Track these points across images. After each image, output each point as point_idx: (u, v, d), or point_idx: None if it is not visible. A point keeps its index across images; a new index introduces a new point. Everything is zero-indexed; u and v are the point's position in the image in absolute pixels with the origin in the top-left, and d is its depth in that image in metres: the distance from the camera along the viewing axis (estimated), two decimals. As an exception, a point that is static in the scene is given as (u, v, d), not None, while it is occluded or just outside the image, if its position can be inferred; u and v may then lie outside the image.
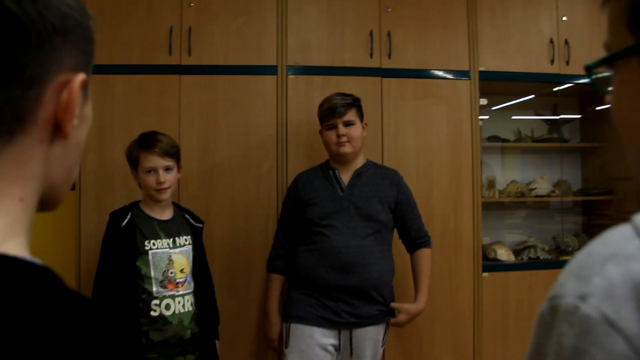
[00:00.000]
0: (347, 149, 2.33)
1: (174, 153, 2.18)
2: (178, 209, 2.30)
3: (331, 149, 2.37)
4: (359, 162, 2.42)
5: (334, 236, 2.27)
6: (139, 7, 2.74)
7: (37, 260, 0.52)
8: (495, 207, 3.35)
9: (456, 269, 2.82)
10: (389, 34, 2.85)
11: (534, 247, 3.04)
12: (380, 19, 2.86)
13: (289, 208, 2.46)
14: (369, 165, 2.44)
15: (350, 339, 2.28)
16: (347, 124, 2.33)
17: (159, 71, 2.72)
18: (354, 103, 2.38)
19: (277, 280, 2.43)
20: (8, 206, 0.54)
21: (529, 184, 3.25)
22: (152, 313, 2.06)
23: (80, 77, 0.57)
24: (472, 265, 2.83)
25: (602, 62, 0.59)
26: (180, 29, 2.74)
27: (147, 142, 2.14)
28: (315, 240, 2.30)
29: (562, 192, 3.25)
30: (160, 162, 2.13)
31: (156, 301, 2.06)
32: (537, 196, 3.17)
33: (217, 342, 2.32)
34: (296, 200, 2.42)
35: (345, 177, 2.38)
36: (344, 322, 2.26)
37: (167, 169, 2.15)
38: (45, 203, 0.61)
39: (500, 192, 3.20)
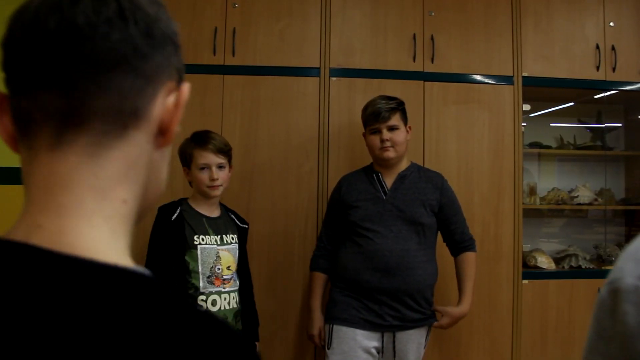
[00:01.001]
0: (390, 153, 2.31)
1: (227, 151, 2.21)
2: (225, 208, 2.32)
3: (375, 153, 2.36)
4: (403, 165, 2.40)
5: (378, 239, 2.26)
6: (184, 8, 2.77)
7: (144, 270, 0.50)
8: (533, 214, 3.31)
9: (495, 275, 2.79)
10: (432, 38, 2.84)
11: (575, 255, 2.99)
12: (423, 23, 2.85)
13: (333, 210, 2.46)
14: (413, 168, 2.42)
15: (394, 342, 2.28)
16: (391, 128, 2.31)
17: (202, 71, 2.75)
18: (398, 107, 2.35)
19: (320, 278, 2.43)
20: (112, 208, 0.53)
21: (570, 191, 3.19)
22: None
23: (188, 85, 0.60)
24: (512, 271, 2.80)
25: None
26: (224, 29, 2.77)
27: (202, 139, 2.17)
28: (359, 243, 2.30)
29: (606, 200, 3.19)
30: (213, 159, 2.16)
31: (203, 297, 2.08)
32: (579, 204, 3.12)
33: (257, 344, 2.33)
34: (339, 202, 2.42)
35: (389, 180, 2.37)
36: (387, 325, 2.26)
37: (220, 166, 2.18)
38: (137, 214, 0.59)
39: (541, 199, 3.15)
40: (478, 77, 2.86)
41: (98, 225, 0.51)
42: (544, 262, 2.95)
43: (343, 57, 2.81)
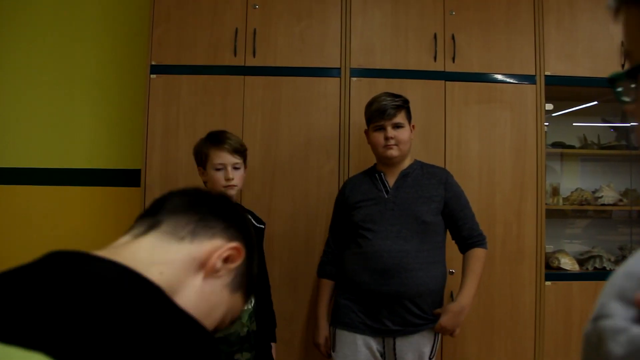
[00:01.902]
0: (394, 152, 2.26)
1: (242, 151, 2.20)
2: (241, 209, 2.31)
3: (378, 150, 2.31)
4: (406, 163, 2.34)
5: (376, 239, 2.21)
6: (204, 9, 2.79)
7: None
8: (556, 215, 3.26)
9: (518, 276, 2.76)
10: (453, 38, 2.82)
11: (600, 257, 2.95)
12: (444, 22, 2.83)
13: (338, 213, 2.43)
14: (416, 165, 2.35)
15: (394, 348, 2.20)
16: (396, 126, 2.26)
17: (223, 72, 2.76)
18: (404, 105, 2.30)
19: (327, 285, 2.40)
20: None
21: (594, 192, 3.15)
22: None
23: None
24: (535, 273, 2.77)
25: (628, 75, 0.56)
26: (245, 30, 2.78)
27: (217, 139, 2.17)
28: (360, 244, 2.25)
29: (631, 201, 3.14)
30: (229, 159, 2.15)
31: None
32: (603, 205, 3.07)
33: (273, 345, 2.32)
34: (343, 204, 2.39)
35: (391, 179, 2.31)
36: (385, 330, 2.19)
37: (236, 167, 2.17)
38: None
39: (564, 199, 3.12)
40: (500, 77, 2.84)
41: None
42: (568, 263, 2.92)
43: (364, 57, 2.80)
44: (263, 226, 2.35)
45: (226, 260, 0.81)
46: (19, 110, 3.23)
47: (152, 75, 2.75)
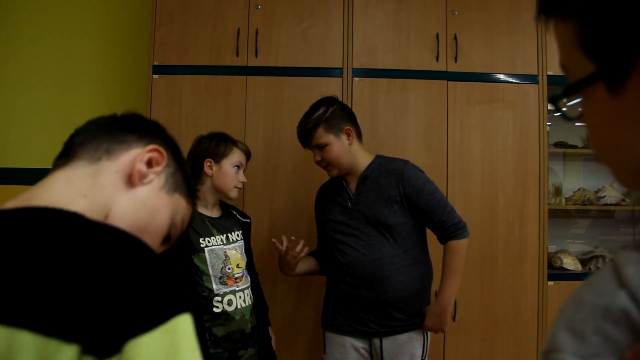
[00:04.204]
0: (332, 172, 2.21)
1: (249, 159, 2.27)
2: (224, 206, 2.28)
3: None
4: (363, 163, 2.20)
5: (348, 251, 2.15)
6: (207, 9, 2.79)
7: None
8: (559, 215, 3.26)
9: (520, 276, 2.76)
10: (455, 37, 2.81)
11: (602, 257, 2.95)
12: (446, 22, 2.83)
13: (317, 222, 2.40)
14: (376, 163, 2.20)
15: (381, 348, 2.17)
16: (319, 147, 2.16)
17: (226, 72, 2.77)
18: (318, 122, 2.14)
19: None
20: None
21: (596, 192, 3.15)
22: (215, 309, 2.06)
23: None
24: (537, 273, 2.76)
25: (567, 93, 0.55)
26: (247, 30, 2.78)
27: (232, 139, 2.20)
28: (335, 256, 2.22)
29: (634, 201, 3.14)
30: (245, 161, 2.21)
31: (218, 298, 2.07)
32: (605, 204, 3.07)
33: (270, 329, 2.33)
34: (317, 215, 2.38)
35: (353, 185, 2.21)
36: (372, 332, 2.16)
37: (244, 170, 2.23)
38: None
39: (567, 199, 3.11)
40: (502, 77, 2.84)
41: None
42: (570, 263, 2.91)
43: (366, 57, 2.80)
44: (249, 220, 2.34)
45: (149, 164, 0.82)
46: (21, 111, 3.23)
47: (154, 76, 2.76)
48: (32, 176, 3.21)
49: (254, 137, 2.72)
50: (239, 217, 2.30)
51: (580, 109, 0.56)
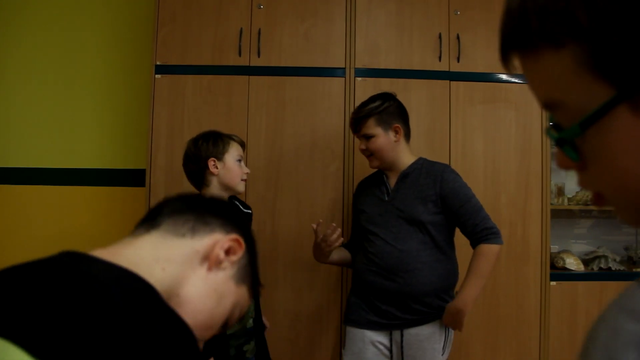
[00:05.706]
0: (373, 162, 2.28)
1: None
2: (230, 200, 2.28)
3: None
4: (406, 163, 2.28)
5: (378, 241, 2.22)
6: (209, 9, 2.79)
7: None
8: (561, 215, 3.26)
9: (523, 276, 2.76)
10: (457, 37, 2.81)
11: (605, 257, 2.94)
12: (449, 22, 2.83)
13: (353, 214, 2.48)
14: (418, 164, 2.29)
15: (401, 341, 2.19)
16: (366, 137, 2.24)
17: (228, 72, 2.77)
18: (371, 113, 2.22)
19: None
20: None
21: (599, 192, 3.14)
22: None
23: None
24: (540, 273, 2.76)
25: (584, 126, 0.48)
26: (249, 30, 2.78)
27: (229, 134, 2.21)
28: (365, 246, 2.28)
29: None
30: (242, 152, 2.22)
31: None
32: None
33: (264, 318, 2.33)
34: (354, 206, 2.45)
35: (393, 180, 2.29)
36: (394, 324, 2.20)
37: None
38: None
39: (569, 199, 3.11)
40: (505, 77, 2.83)
41: None
42: (573, 263, 2.91)
43: (368, 57, 2.80)
44: (250, 211, 2.36)
45: (228, 252, 0.85)
46: (24, 111, 3.24)
47: (157, 75, 2.76)
48: (32, 176, 3.24)
49: (257, 137, 2.73)
50: (240, 207, 2.31)
51: (585, 145, 0.50)
